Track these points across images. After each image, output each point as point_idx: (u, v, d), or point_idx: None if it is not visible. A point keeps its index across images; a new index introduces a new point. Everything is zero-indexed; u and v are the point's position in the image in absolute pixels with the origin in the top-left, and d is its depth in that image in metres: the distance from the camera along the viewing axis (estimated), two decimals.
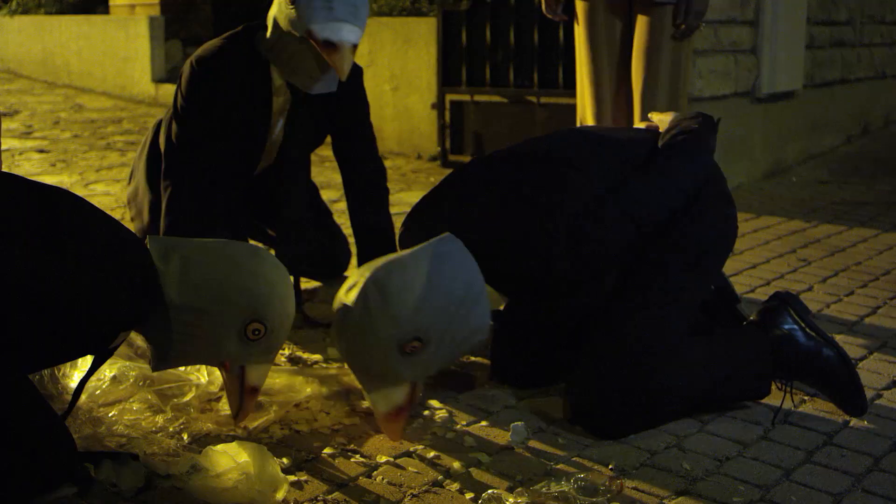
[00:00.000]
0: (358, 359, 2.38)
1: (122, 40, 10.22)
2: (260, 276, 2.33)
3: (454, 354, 2.49)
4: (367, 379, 2.39)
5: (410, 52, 6.95)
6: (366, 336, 2.32)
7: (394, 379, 2.37)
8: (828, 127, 7.42)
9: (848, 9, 7.54)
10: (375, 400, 2.39)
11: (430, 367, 2.42)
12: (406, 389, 2.39)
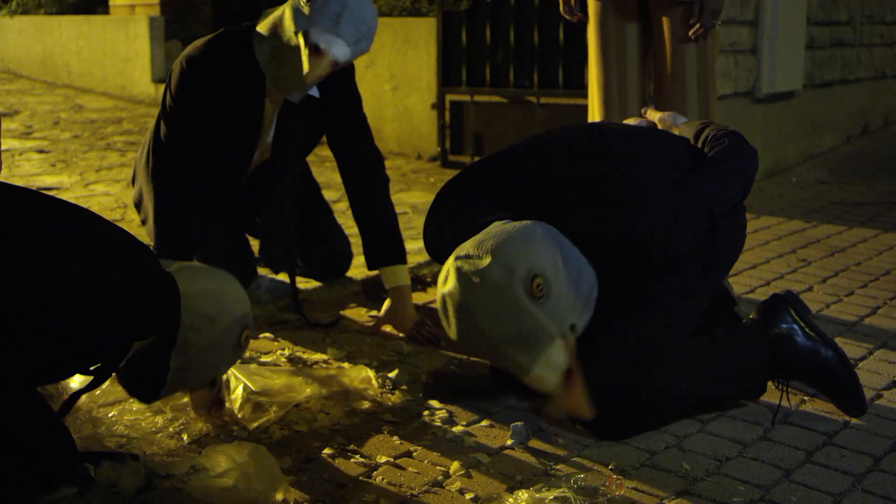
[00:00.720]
0: (499, 332, 2.25)
1: (122, 40, 10.22)
2: (238, 285, 2.38)
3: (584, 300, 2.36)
4: (520, 354, 2.26)
5: (410, 53, 6.95)
6: (491, 297, 2.24)
7: (542, 335, 2.24)
8: (828, 127, 7.42)
9: (848, 9, 7.54)
10: (542, 376, 2.26)
11: (564, 313, 2.29)
12: (561, 345, 2.26)
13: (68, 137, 7.67)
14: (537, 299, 2.23)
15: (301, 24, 3.01)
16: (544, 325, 2.24)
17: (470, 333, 2.30)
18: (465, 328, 2.29)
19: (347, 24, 3.01)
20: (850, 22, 7.62)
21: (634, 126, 3.02)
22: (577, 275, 2.32)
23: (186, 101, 3.14)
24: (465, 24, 6.35)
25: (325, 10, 2.99)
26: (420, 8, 7.77)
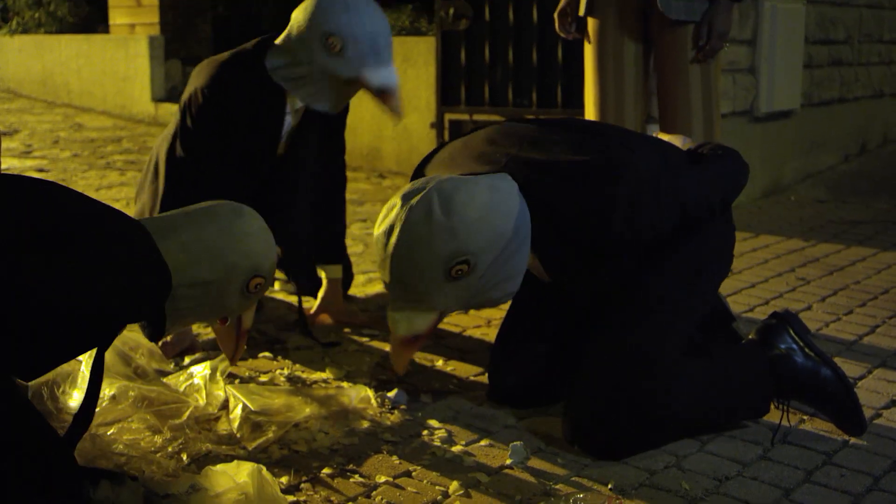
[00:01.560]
0: (401, 271, 2.34)
1: (122, 60, 10.24)
2: (251, 234, 2.33)
3: (487, 295, 2.44)
4: (400, 296, 2.37)
5: (409, 72, 6.96)
6: (419, 247, 2.31)
7: (427, 303, 2.36)
8: (826, 146, 7.44)
9: (846, 28, 7.56)
10: (397, 320, 2.37)
11: (464, 299, 2.40)
12: (431, 319, 2.38)
13: (68, 156, 7.68)
14: (449, 277, 2.33)
15: (347, 70, 3.09)
16: (436, 301, 2.36)
17: (381, 246, 2.37)
18: (383, 241, 2.37)
19: (384, 49, 3.11)
20: (849, 41, 7.64)
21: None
22: (509, 255, 2.40)
23: (208, 127, 3.16)
24: (464, 44, 6.37)
25: (360, 50, 3.07)
26: (419, 27, 7.80)
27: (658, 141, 2.86)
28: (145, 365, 2.89)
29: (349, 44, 3.06)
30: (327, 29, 3.07)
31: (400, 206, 2.35)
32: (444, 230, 2.30)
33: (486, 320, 3.63)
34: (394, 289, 2.38)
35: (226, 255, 2.26)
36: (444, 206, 2.32)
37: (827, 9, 7.21)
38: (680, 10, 3.57)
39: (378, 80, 3.09)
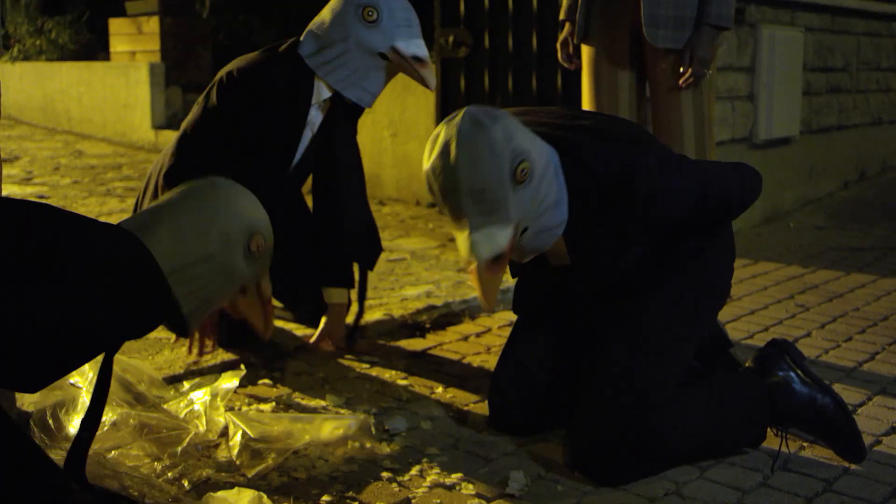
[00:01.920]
0: (472, 181, 2.28)
1: (123, 87, 10.26)
2: (232, 198, 2.33)
3: (538, 225, 2.43)
4: (474, 212, 2.29)
5: (409, 99, 6.98)
6: (482, 150, 2.29)
7: (503, 212, 2.30)
8: (825, 173, 7.45)
9: (843, 55, 7.59)
10: (478, 241, 2.29)
11: (531, 212, 2.36)
12: (510, 233, 2.31)
13: (68, 183, 7.69)
14: (516, 181, 2.30)
15: (380, 42, 3.19)
16: (508, 204, 2.30)
17: (442, 167, 2.32)
18: (443, 162, 2.32)
19: (416, 24, 3.24)
20: (847, 68, 7.66)
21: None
22: (554, 199, 2.42)
23: (233, 104, 3.17)
24: (463, 71, 6.39)
25: (395, 21, 3.19)
26: None
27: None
28: (146, 392, 2.89)
29: (385, 13, 3.18)
30: (364, 2, 3.18)
31: (445, 128, 2.35)
32: (499, 131, 2.31)
33: (485, 347, 3.63)
34: (467, 205, 2.30)
35: (214, 224, 2.26)
36: (488, 116, 2.35)
37: (825, 36, 7.24)
38: (667, 38, 3.60)
39: (412, 49, 3.20)
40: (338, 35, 3.20)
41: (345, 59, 3.22)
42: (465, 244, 2.31)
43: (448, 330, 3.86)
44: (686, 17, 3.59)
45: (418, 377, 3.29)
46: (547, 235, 2.47)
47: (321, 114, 3.33)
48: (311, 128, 3.33)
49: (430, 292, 4.33)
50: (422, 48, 3.22)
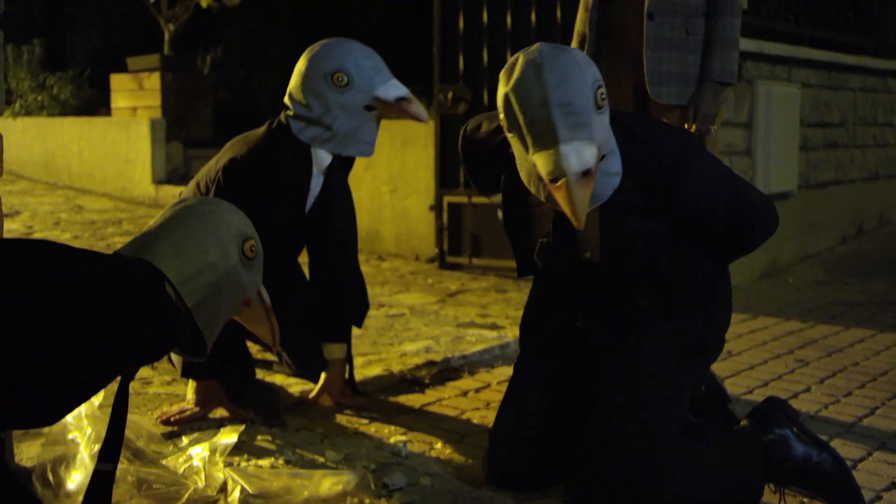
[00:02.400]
0: (562, 93, 2.29)
1: (124, 142, 10.31)
2: (223, 212, 2.38)
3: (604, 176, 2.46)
4: (564, 124, 2.28)
5: (409, 154, 7.02)
6: (570, 66, 2.32)
7: (589, 130, 2.30)
8: (823, 227, 7.48)
9: (840, 111, 7.64)
10: (567, 153, 2.27)
11: (604, 140, 2.39)
12: (595, 152, 2.30)
13: (68, 238, 7.71)
14: (596, 103, 2.33)
15: (361, 98, 3.25)
16: (592, 123, 2.30)
17: (531, 83, 2.32)
18: (529, 77, 2.32)
19: (384, 67, 3.31)
20: (843, 123, 7.71)
21: None
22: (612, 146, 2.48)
23: (240, 187, 3.20)
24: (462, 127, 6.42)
25: (365, 73, 3.25)
26: None
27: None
28: (144, 447, 2.89)
29: (353, 72, 3.24)
30: (329, 70, 3.24)
31: (523, 55, 2.37)
32: (579, 54, 2.36)
33: (484, 403, 3.63)
34: (557, 118, 2.29)
35: (210, 234, 2.30)
36: (561, 45, 2.39)
37: (821, 92, 7.29)
38: (671, 95, 3.62)
39: (393, 93, 3.27)
40: (319, 109, 3.27)
41: (335, 127, 3.28)
42: (551, 160, 2.29)
43: (447, 385, 3.86)
44: (689, 73, 3.62)
45: (417, 433, 3.29)
46: (607, 182, 2.48)
47: (322, 175, 3.36)
48: (313, 194, 3.36)
49: (430, 348, 4.33)
50: (400, 88, 3.29)
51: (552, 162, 2.28)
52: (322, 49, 3.30)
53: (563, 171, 2.26)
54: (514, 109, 2.33)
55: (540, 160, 2.30)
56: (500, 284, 6.00)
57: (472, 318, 5.01)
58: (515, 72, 2.35)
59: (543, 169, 2.29)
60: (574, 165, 2.26)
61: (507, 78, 2.37)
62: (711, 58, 3.60)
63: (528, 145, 2.32)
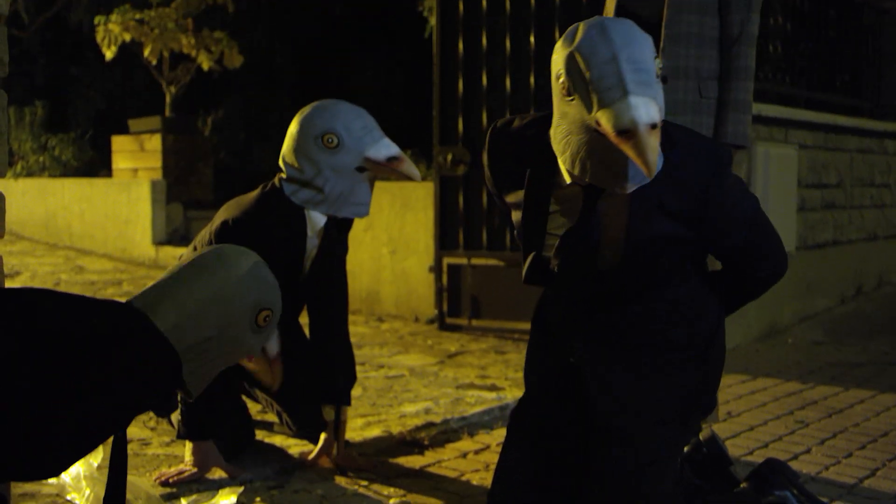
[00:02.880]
0: (632, 50, 2.31)
1: (124, 203, 10.36)
2: (244, 274, 2.31)
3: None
4: (634, 80, 2.28)
5: (408, 216, 7.05)
6: (633, 29, 2.34)
7: (653, 92, 2.30)
8: (822, 288, 7.49)
9: (837, 172, 7.68)
10: (639, 105, 2.26)
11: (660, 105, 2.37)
12: (658, 110, 2.29)
13: None
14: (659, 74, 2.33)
15: (351, 159, 3.27)
16: (655, 84, 2.30)
17: (597, 41, 2.31)
18: (595, 37, 2.32)
19: (375, 127, 3.33)
20: (841, 185, 7.75)
21: None
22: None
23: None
24: (462, 189, 6.47)
25: (357, 133, 3.28)
26: None
27: None
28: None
29: (343, 133, 3.26)
30: (319, 132, 3.27)
31: (583, 22, 2.38)
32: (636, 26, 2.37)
33: (484, 465, 3.62)
34: (627, 72, 2.29)
35: (221, 303, 2.24)
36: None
37: (818, 153, 7.33)
38: None
39: (384, 153, 3.28)
40: (311, 171, 3.29)
41: (327, 189, 3.30)
42: (621, 111, 2.26)
43: (447, 447, 3.85)
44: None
45: (417, 494, 3.28)
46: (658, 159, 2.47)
47: (317, 238, 3.38)
48: (308, 257, 3.38)
49: (429, 409, 4.32)
50: (391, 147, 3.31)
51: (622, 113, 2.26)
52: (312, 111, 3.33)
53: (633, 122, 2.24)
54: (579, 67, 2.32)
55: (606, 115, 2.27)
56: (500, 346, 6.00)
57: (471, 379, 5.00)
58: (579, 34, 2.36)
59: (611, 122, 2.26)
60: (644, 116, 2.25)
61: (570, 40, 2.36)
62: (724, 121, 3.62)
63: (593, 103, 2.29)
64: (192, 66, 10.82)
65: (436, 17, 6.70)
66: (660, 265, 2.59)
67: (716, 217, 2.55)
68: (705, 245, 2.62)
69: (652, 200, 2.49)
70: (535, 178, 2.56)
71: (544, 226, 2.59)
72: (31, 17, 13.67)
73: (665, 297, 2.62)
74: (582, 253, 2.57)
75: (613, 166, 2.33)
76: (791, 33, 7.55)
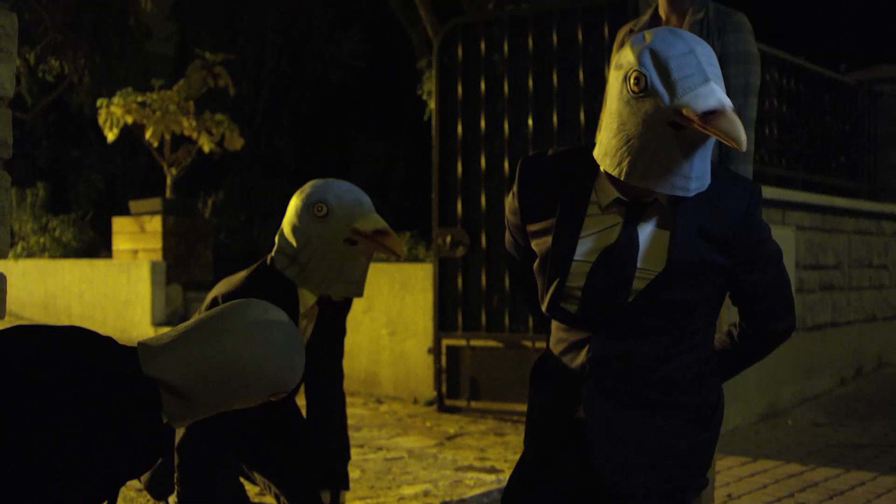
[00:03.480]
0: (703, 47, 2.38)
1: (124, 284, 10.39)
2: (269, 348, 2.22)
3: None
4: (711, 72, 2.35)
5: (407, 298, 7.07)
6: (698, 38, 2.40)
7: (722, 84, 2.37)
8: (821, 369, 7.48)
9: (835, 253, 7.72)
10: (714, 89, 2.33)
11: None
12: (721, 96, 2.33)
13: None
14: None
15: (340, 230, 3.27)
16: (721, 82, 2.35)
17: (671, 39, 2.38)
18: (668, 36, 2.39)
19: (367, 200, 3.34)
20: (839, 266, 7.78)
21: None
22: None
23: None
24: (460, 271, 6.49)
25: (346, 205, 3.28)
26: (417, 254, 7.95)
27: None
28: None
29: (333, 203, 3.27)
30: (311, 201, 3.29)
31: (648, 31, 2.42)
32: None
33: None
34: (705, 63, 2.36)
35: (235, 376, 2.17)
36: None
37: (815, 235, 7.37)
38: None
39: (371, 226, 3.27)
40: (301, 241, 3.31)
41: (315, 260, 3.30)
42: (705, 95, 2.32)
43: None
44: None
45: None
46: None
47: (311, 321, 3.39)
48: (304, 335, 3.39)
49: (428, 491, 4.30)
50: (379, 221, 3.31)
51: (708, 95, 2.31)
52: (310, 185, 3.37)
53: (720, 101, 2.29)
54: (658, 60, 2.36)
55: (690, 101, 2.31)
56: (499, 427, 5.98)
57: (470, 461, 4.98)
58: (649, 36, 2.41)
59: (697, 104, 2.30)
60: (726, 100, 2.31)
61: (640, 42, 2.41)
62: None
63: (673, 93, 2.33)
64: (193, 149, 10.91)
65: (435, 100, 6.79)
66: (693, 297, 2.57)
67: (751, 246, 2.57)
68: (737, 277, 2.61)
69: (693, 224, 2.51)
70: (569, 201, 2.57)
71: (573, 251, 2.57)
72: (34, 99, 13.80)
73: (686, 352, 2.61)
74: (615, 278, 2.52)
75: (678, 166, 2.37)
76: (787, 117, 7.64)
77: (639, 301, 2.53)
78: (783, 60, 7.56)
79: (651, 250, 2.53)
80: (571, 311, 2.57)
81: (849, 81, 8.99)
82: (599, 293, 2.53)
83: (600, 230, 2.54)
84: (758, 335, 2.78)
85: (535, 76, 6.30)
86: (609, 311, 2.55)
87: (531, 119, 6.30)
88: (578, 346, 2.61)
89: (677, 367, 2.58)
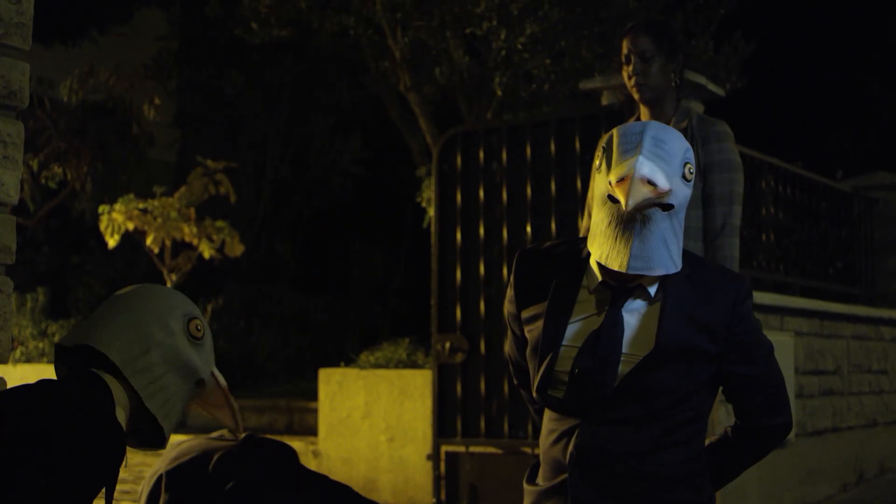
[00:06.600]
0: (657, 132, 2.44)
1: None
2: (163, 294, 2.42)
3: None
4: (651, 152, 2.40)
5: (406, 404, 7.05)
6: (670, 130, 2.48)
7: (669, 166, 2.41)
8: (822, 475, 7.43)
9: (835, 358, 7.72)
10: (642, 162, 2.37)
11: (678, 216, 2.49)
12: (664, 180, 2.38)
13: None
14: (685, 175, 2.44)
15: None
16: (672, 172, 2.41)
17: (635, 125, 2.48)
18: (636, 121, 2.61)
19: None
20: (838, 371, 7.78)
21: None
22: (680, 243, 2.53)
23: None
24: (459, 377, 6.49)
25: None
26: (416, 360, 7.96)
27: None
28: None
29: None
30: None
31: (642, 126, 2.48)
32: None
33: None
34: (647, 142, 2.41)
35: (150, 314, 2.33)
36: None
37: (814, 340, 7.39)
38: None
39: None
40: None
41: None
42: (626, 166, 2.37)
43: None
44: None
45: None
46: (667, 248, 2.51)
47: None
48: None
49: None
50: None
51: (626, 167, 2.36)
52: None
53: (630, 169, 2.34)
54: (612, 140, 2.45)
55: (616, 171, 2.38)
56: None
57: None
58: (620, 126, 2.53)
59: (615, 174, 2.37)
60: (643, 170, 2.34)
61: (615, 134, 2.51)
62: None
63: (612, 164, 2.41)
64: (194, 255, 10.97)
65: (434, 207, 6.85)
66: (681, 385, 2.55)
67: (741, 336, 2.58)
68: (727, 368, 2.61)
69: (682, 311, 2.52)
70: (560, 286, 2.58)
71: (562, 335, 2.57)
72: (36, 205, 13.91)
73: (675, 445, 2.57)
74: (600, 361, 2.51)
75: (623, 243, 2.41)
76: (784, 223, 7.70)
77: (624, 385, 2.51)
78: (779, 168, 7.65)
79: (639, 335, 2.53)
80: (559, 398, 2.56)
81: (845, 188, 9.09)
82: (585, 377, 2.51)
83: (589, 315, 2.55)
84: (752, 432, 2.77)
85: (533, 184, 6.38)
86: (595, 396, 2.52)
87: (529, 226, 6.35)
88: (567, 435, 2.56)
89: (666, 462, 2.55)
